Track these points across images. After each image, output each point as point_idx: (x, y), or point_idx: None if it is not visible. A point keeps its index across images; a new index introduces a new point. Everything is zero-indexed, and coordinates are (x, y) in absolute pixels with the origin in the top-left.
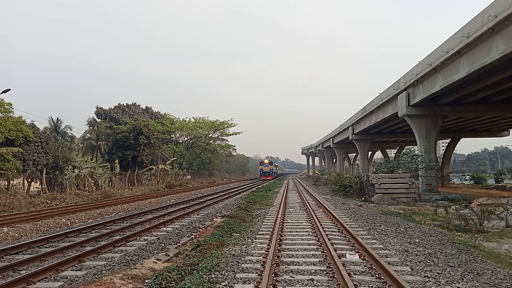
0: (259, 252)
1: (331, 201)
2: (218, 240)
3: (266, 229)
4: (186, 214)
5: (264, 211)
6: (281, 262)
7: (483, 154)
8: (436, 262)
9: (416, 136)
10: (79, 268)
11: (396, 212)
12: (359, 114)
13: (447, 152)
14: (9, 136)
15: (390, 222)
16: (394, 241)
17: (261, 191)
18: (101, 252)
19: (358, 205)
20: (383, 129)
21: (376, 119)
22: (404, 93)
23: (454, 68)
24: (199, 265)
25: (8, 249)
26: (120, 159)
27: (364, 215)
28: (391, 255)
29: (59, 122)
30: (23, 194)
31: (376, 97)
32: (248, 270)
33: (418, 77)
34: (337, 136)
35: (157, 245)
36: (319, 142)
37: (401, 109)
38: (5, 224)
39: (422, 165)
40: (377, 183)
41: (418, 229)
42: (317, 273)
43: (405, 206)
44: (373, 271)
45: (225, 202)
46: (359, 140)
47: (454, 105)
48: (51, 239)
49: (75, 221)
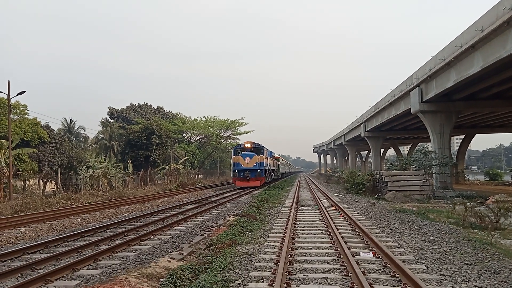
0: (272, 251)
1: (344, 199)
2: (231, 238)
3: (278, 228)
4: (198, 213)
5: (277, 209)
6: (294, 260)
7: (498, 150)
8: (452, 260)
9: (430, 133)
10: (94, 267)
11: (410, 210)
12: (371, 111)
13: (461, 149)
14: (25, 137)
15: (404, 220)
16: (409, 239)
17: (272, 189)
18: (116, 251)
19: (371, 203)
20: (396, 126)
21: (388, 116)
22: (416, 89)
23: (468, 62)
24: (213, 264)
25: (26, 248)
26: (133, 159)
27: (377, 213)
28: (406, 253)
29: (73, 123)
30: (39, 194)
31: (388, 94)
32: (262, 268)
33: (431, 72)
34: (349, 133)
35: (170, 244)
36: (331, 139)
37: (414, 105)
38: (22, 224)
39: (435, 162)
40: (390, 180)
41: (432, 226)
42: (331, 271)
43: (419, 204)
44: (387, 269)
45: (238, 200)
46: (371, 137)
47: (469, 100)
48: (67, 238)
49: (90, 220)
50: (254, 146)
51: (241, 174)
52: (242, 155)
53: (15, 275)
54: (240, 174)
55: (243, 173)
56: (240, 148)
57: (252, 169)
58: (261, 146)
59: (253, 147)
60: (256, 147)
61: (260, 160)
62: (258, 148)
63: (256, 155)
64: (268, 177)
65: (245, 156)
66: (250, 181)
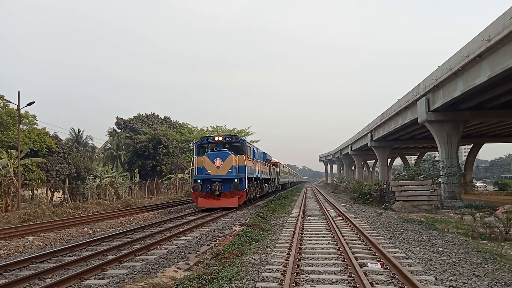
0: (279, 261)
1: (351, 209)
2: (237, 248)
3: (285, 238)
4: (205, 223)
5: (283, 219)
6: (301, 271)
7: (507, 159)
8: (461, 272)
9: (437, 142)
10: (102, 276)
11: (418, 220)
12: (377, 121)
13: (469, 158)
14: (34, 147)
15: (412, 230)
16: (417, 250)
17: (279, 199)
18: (123, 260)
19: (378, 213)
20: (403, 136)
21: (395, 125)
22: (423, 99)
23: (475, 72)
24: (219, 274)
25: (33, 257)
26: (139, 168)
27: (385, 223)
28: (414, 264)
29: (81, 133)
30: (47, 203)
31: (395, 103)
32: (269, 279)
33: (438, 82)
34: (355, 143)
35: (177, 253)
36: (337, 149)
37: (420, 115)
38: (30, 233)
39: (443, 172)
40: (398, 190)
41: (441, 237)
42: (338, 282)
43: (427, 214)
44: (396, 280)
45: (244, 210)
46: (378, 147)
47: (476, 110)
48: (74, 248)
49: (97, 230)
50: (230, 140)
51: (206, 187)
52: (209, 155)
53: (23, 285)
54: (204, 186)
55: (210, 184)
56: (205, 143)
57: (225, 177)
58: (242, 140)
59: (228, 141)
60: (234, 141)
61: (240, 163)
62: (236, 143)
63: (232, 155)
64: (255, 191)
65: (214, 156)
66: (222, 199)
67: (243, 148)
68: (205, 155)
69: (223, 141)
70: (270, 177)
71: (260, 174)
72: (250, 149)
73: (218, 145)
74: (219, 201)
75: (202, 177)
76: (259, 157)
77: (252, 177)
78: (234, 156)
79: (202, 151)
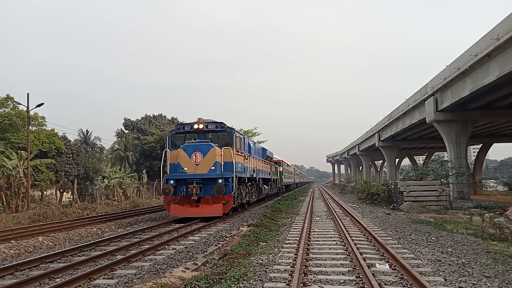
0: (286, 261)
1: (358, 209)
2: (245, 249)
3: (293, 238)
4: (212, 223)
5: (290, 219)
6: (309, 271)
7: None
8: (471, 272)
9: (446, 142)
10: (110, 276)
11: (426, 221)
12: (385, 121)
13: (478, 158)
14: (43, 148)
15: (420, 231)
16: (426, 251)
17: (286, 199)
18: (132, 260)
19: (386, 214)
20: (411, 136)
21: (402, 126)
22: (431, 98)
23: (484, 71)
24: (227, 274)
25: (43, 257)
26: (147, 169)
27: (393, 224)
28: (423, 264)
29: (89, 134)
30: (56, 204)
31: (403, 103)
32: (276, 279)
33: (446, 81)
34: (363, 143)
35: (185, 254)
36: (345, 149)
37: (429, 114)
38: (40, 233)
39: (452, 172)
40: (406, 190)
41: (450, 238)
42: (346, 283)
43: (435, 214)
44: (404, 281)
45: (251, 211)
46: (385, 147)
47: (485, 110)
48: (83, 248)
49: (105, 230)
50: (214, 129)
51: (182, 190)
52: (186, 148)
53: (33, 284)
54: (179, 188)
55: (186, 186)
56: (182, 132)
57: (206, 177)
58: (229, 129)
59: (211, 130)
60: (219, 130)
61: (226, 158)
62: (221, 133)
63: (216, 148)
64: (249, 194)
65: (192, 149)
66: (202, 205)
67: (231, 139)
68: (180, 148)
69: (204, 129)
70: (271, 177)
71: (256, 173)
72: (241, 141)
73: (199, 135)
74: (197, 208)
75: (175, 176)
76: (256, 153)
77: (244, 177)
78: (218, 149)
79: (178, 142)
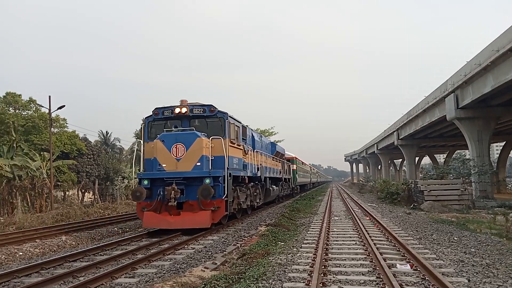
0: (305, 261)
1: (378, 209)
2: (263, 248)
3: (311, 238)
4: (231, 223)
5: (309, 219)
6: (328, 271)
7: None
8: (496, 274)
9: (467, 140)
10: (132, 275)
11: (448, 220)
12: (404, 119)
13: (501, 156)
14: (64, 149)
15: (442, 231)
16: (448, 251)
17: (304, 199)
18: (152, 260)
19: (406, 213)
20: (430, 133)
21: (422, 123)
22: (452, 95)
23: (506, 67)
24: (246, 274)
25: (67, 256)
26: None
27: (413, 224)
28: (445, 265)
29: (109, 135)
30: (78, 204)
31: (422, 101)
32: (295, 279)
33: (467, 78)
34: (381, 141)
35: (204, 253)
36: (363, 148)
37: (449, 112)
38: (63, 232)
39: (474, 170)
40: (427, 189)
41: (473, 238)
42: (366, 283)
43: (458, 214)
44: (426, 282)
45: (269, 210)
46: (405, 146)
47: (508, 106)
48: (105, 247)
49: (126, 229)
50: (200, 113)
51: (158, 193)
52: (164, 138)
53: (58, 282)
54: (155, 191)
55: (163, 187)
56: (161, 118)
57: (189, 175)
58: (221, 114)
59: (198, 114)
60: (207, 115)
61: (216, 151)
62: (211, 118)
63: (203, 138)
64: (250, 197)
65: (171, 140)
66: (184, 213)
67: (223, 126)
68: (157, 139)
69: (188, 114)
70: (282, 176)
71: (262, 171)
72: (239, 131)
73: (183, 121)
74: (178, 217)
75: (150, 175)
76: (264, 147)
77: (242, 176)
78: (206, 139)
79: (158, 131)
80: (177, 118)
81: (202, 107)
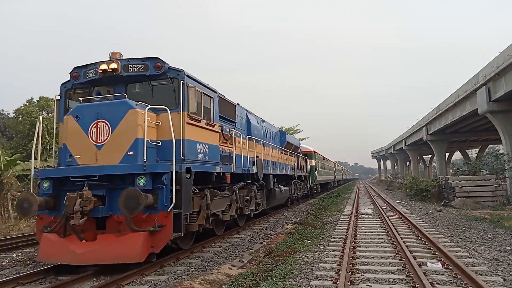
0: (332, 259)
1: (407, 206)
2: (290, 246)
3: (338, 236)
4: (256, 221)
5: (335, 217)
6: (356, 270)
7: None
8: None
9: (500, 134)
10: (161, 273)
11: (481, 217)
12: (433, 113)
13: None
14: None
15: (475, 228)
16: (481, 249)
17: (330, 197)
18: (180, 258)
19: (437, 210)
20: (461, 128)
21: (452, 118)
22: (483, 88)
23: None
24: (273, 272)
25: None
26: None
27: (444, 221)
28: (479, 263)
29: None
30: None
31: (452, 94)
32: (323, 277)
33: (499, 69)
34: (409, 137)
35: (231, 251)
36: (390, 144)
37: (481, 105)
38: None
39: (509, 165)
40: (458, 186)
41: (508, 235)
42: (396, 282)
43: (491, 211)
44: (458, 281)
45: (294, 208)
46: (434, 141)
47: None
48: None
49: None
50: (141, 72)
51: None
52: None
53: (91, 280)
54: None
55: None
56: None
57: (114, 172)
58: (174, 71)
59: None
60: (151, 74)
61: (164, 131)
62: (157, 79)
63: (138, 110)
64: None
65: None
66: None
67: (176, 92)
68: (68, 114)
69: (120, 73)
70: (295, 173)
71: (261, 167)
72: (211, 102)
73: (116, 87)
74: (90, 245)
75: (53, 174)
76: (268, 136)
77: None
78: (142, 111)
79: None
80: (107, 81)
81: (142, 62)
